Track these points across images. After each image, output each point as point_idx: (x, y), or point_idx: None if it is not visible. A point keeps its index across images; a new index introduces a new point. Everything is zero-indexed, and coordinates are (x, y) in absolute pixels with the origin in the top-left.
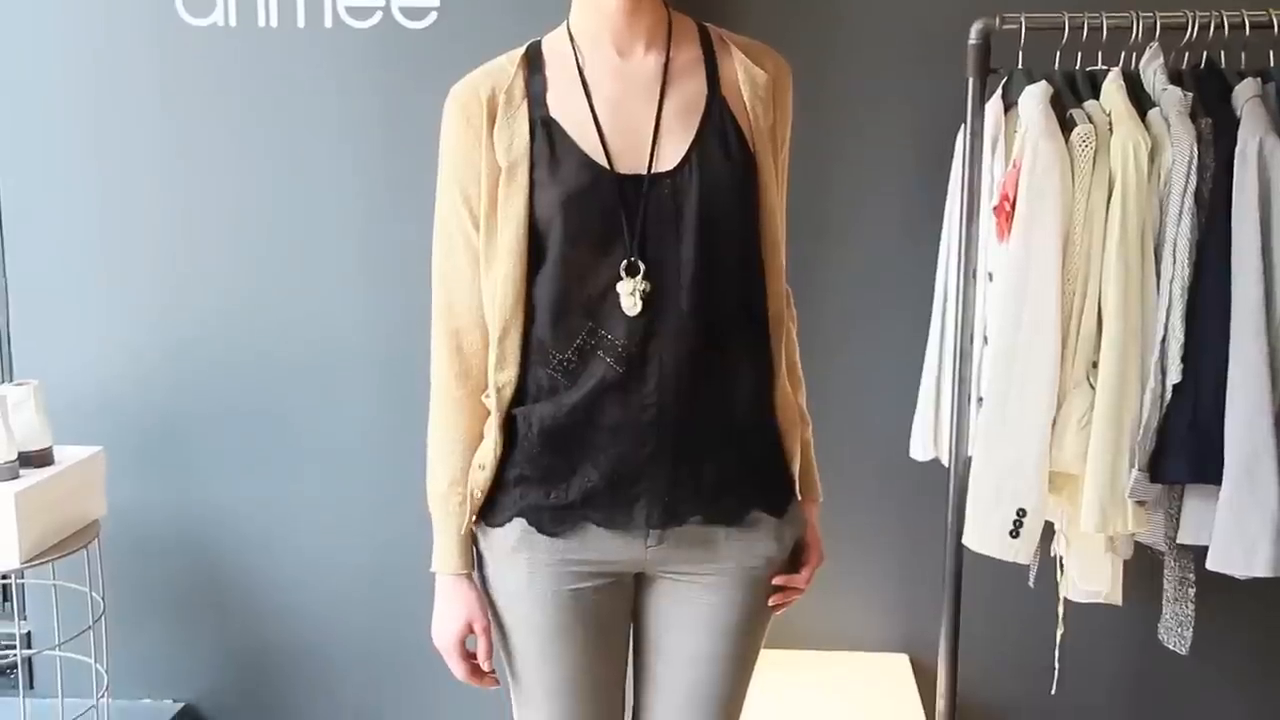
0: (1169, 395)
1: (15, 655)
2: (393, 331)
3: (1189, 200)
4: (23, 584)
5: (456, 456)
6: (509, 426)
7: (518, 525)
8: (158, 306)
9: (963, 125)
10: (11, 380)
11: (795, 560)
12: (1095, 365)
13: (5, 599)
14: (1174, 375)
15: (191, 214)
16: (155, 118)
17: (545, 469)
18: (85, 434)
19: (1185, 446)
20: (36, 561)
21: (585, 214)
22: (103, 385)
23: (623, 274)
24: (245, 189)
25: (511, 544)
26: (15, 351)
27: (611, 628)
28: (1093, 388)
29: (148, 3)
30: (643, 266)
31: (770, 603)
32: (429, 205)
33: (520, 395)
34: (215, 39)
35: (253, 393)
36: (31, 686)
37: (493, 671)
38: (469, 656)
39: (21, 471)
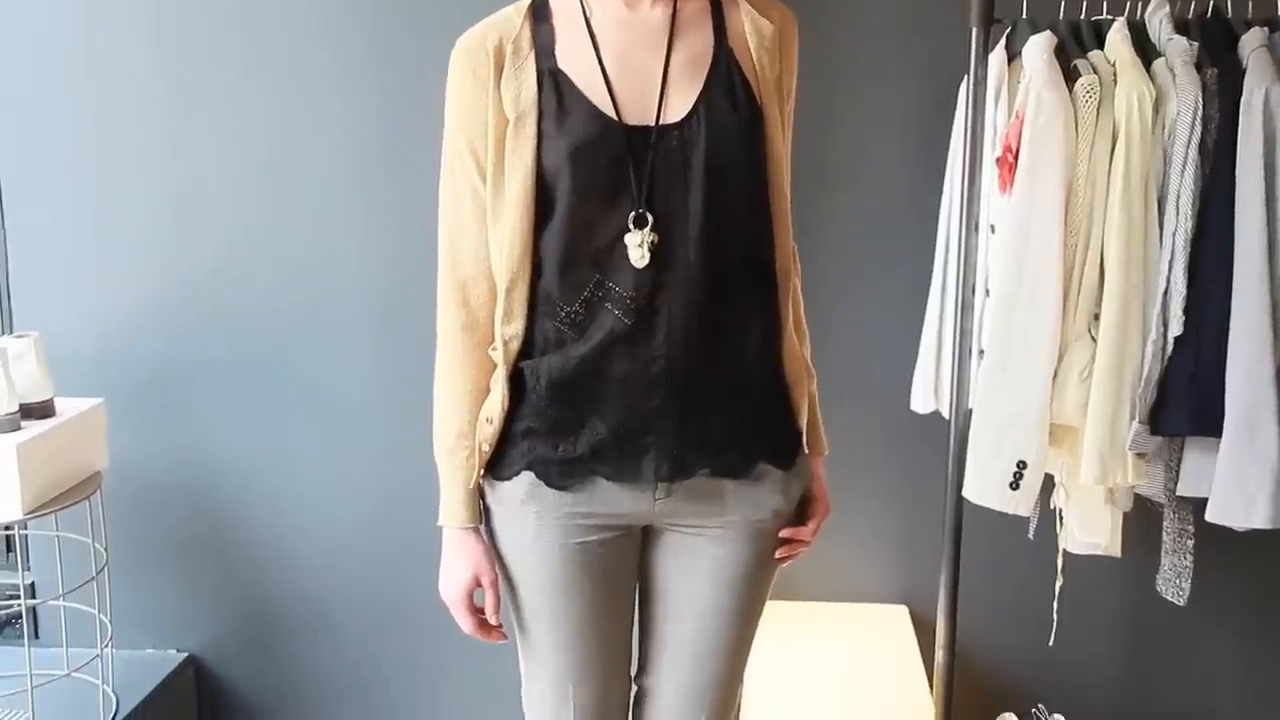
0: (1170, 348)
1: (20, 605)
2: (394, 280)
3: (1193, 151)
4: (26, 535)
5: (464, 410)
6: (516, 380)
7: (526, 479)
8: (157, 258)
9: (966, 76)
10: (11, 332)
11: (801, 513)
12: (1097, 317)
13: (9, 550)
14: (1175, 328)
15: (189, 164)
16: (151, 67)
17: (553, 422)
18: (86, 386)
19: (1186, 399)
20: (39, 513)
21: (593, 165)
22: (102, 337)
23: (631, 226)
24: (244, 138)
25: (519, 497)
26: (15, 304)
27: (619, 580)
28: (1094, 340)
29: None
30: (651, 218)
31: (776, 555)
32: (432, 154)
33: (527, 348)
34: None
35: (254, 343)
36: (36, 636)
37: (500, 625)
38: (476, 610)
39: (23, 423)
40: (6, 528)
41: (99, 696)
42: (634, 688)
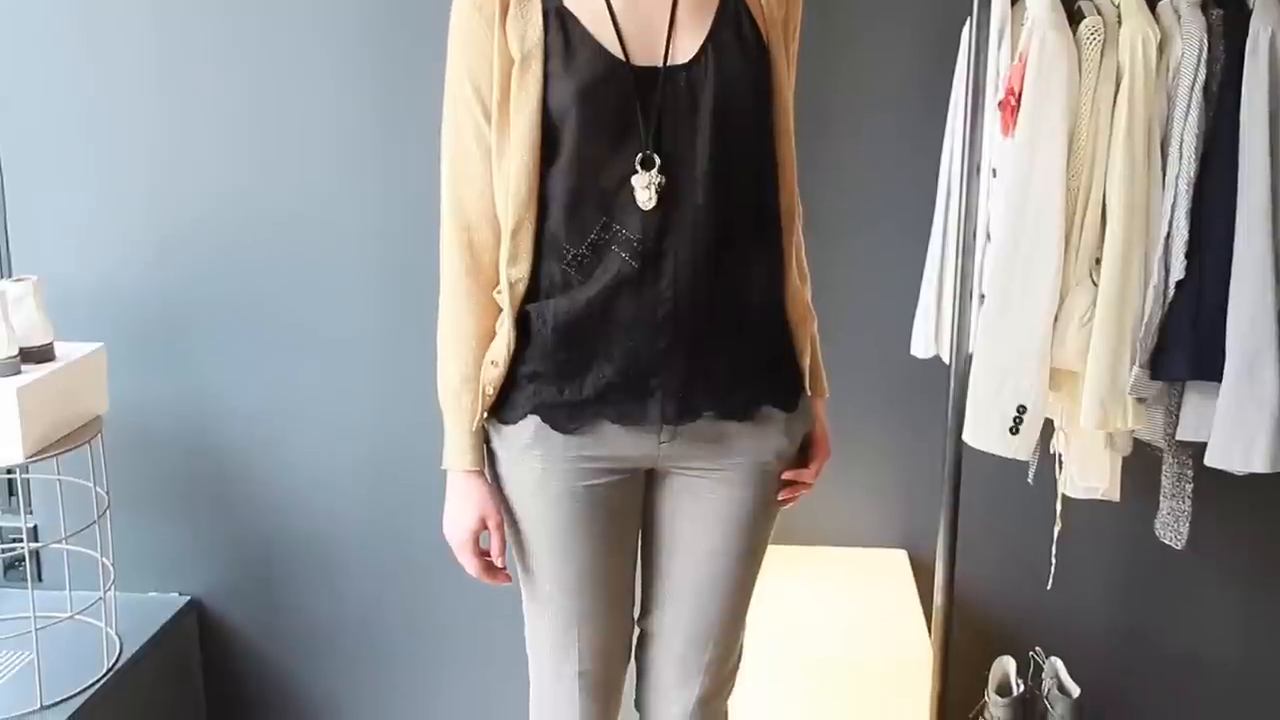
0: (1172, 292)
1: (23, 548)
2: (396, 222)
3: (1198, 94)
4: (28, 479)
5: (468, 353)
6: (522, 323)
7: (531, 422)
8: (155, 201)
9: (969, 18)
10: (10, 276)
11: (803, 455)
12: (1098, 262)
13: (11, 494)
14: (1177, 272)
15: (187, 105)
16: (147, 8)
17: (559, 365)
18: (85, 330)
19: (1187, 343)
20: (40, 456)
21: (600, 106)
22: (101, 281)
23: (638, 167)
24: (242, 80)
25: (525, 441)
26: (13, 248)
27: (623, 523)
28: (1095, 284)
29: None
30: (658, 160)
31: (779, 497)
32: (434, 94)
33: (533, 291)
34: None
35: (254, 285)
36: (40, 579)
37: (505, 568)
38: (481, 553)
39: (23, 367)
40: (8, 471)
41: (102, 639)
42: (637, 629)
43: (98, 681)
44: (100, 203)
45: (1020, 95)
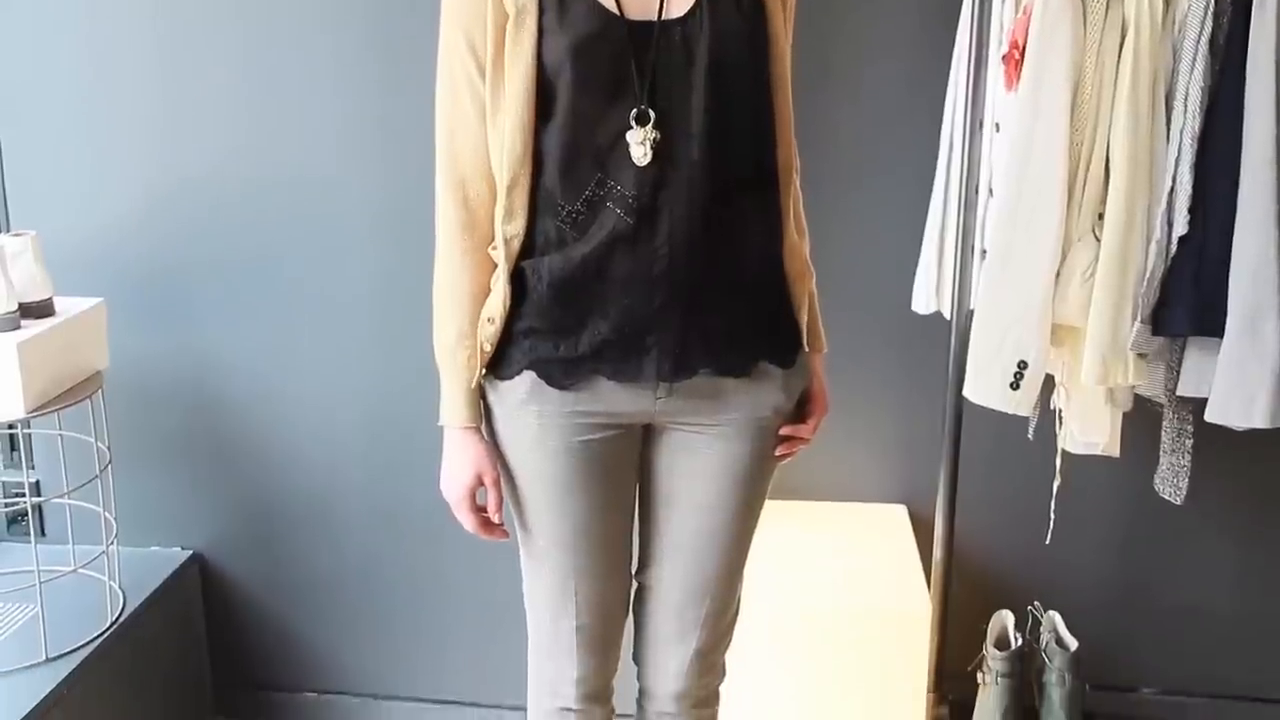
0: (1174, 247)
1: (25, 503)
2: (395, 178)
3: (1203, 47)
4: (29, 434)
5: (464, 309)
6: (518, 279)
7: (527, 378)
8: (153, 157)
9: None
10: (8, 231)
11: (800, 410)
12: (1101, 217)
13: (13, 449)
14: (1180, 227)
15: (186, 60)
16: None
17: (555, 321)
18: (84, 286)
19: (1189, 298)
20: (41, 411)
21: (594, 61)
22: (100, 237)
23: (632, 123)
24: (241, 35)
25: (521, 396)
26: (11, 203)
27: (620, 479)
28: (1097, 240)
29: None
30: (653, 115)
31: (776, 453)
32: (430, 50)
33: (529, 247)
34: None
35: (252, 241)
36: (43, 534)
37: (502, 524)
38: (479, 509)
39: (23, 323)
40: (10, 426)
41: (106, 592)
42: (635, 584)
43: (102, 634)
44: (99, 158)
45: (1024, 49)
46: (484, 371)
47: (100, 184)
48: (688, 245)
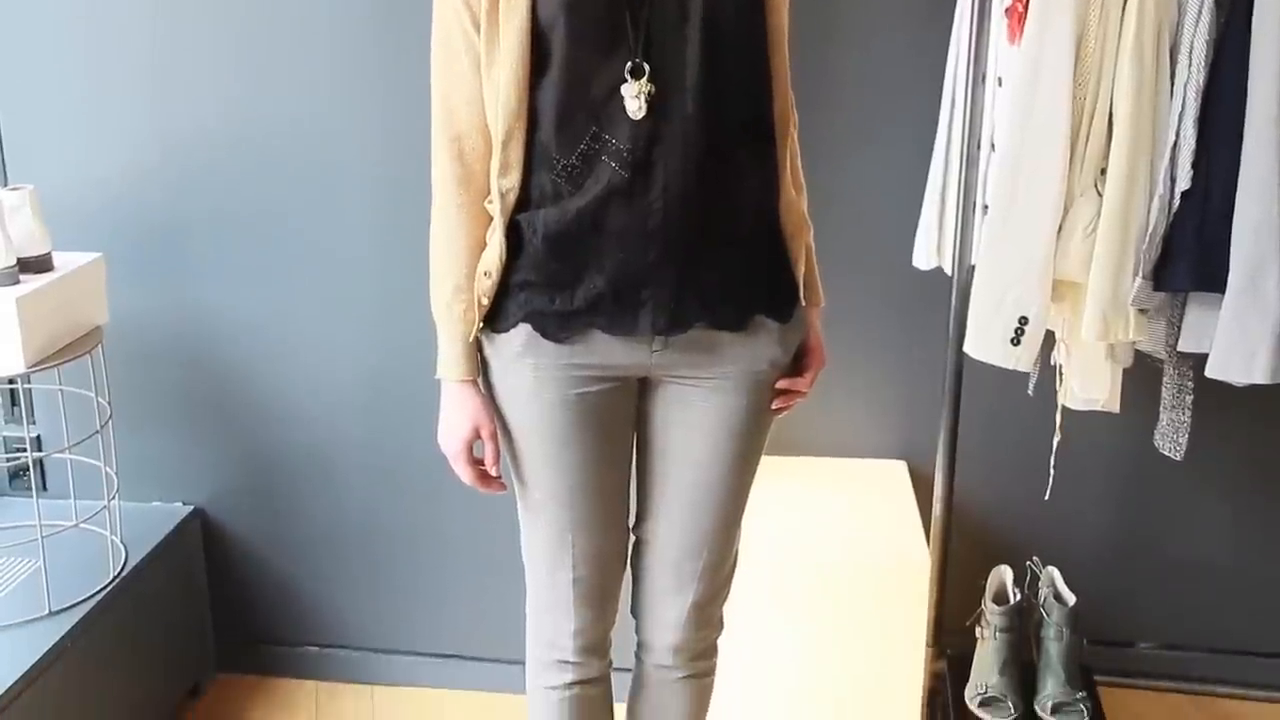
0: (1177, 202)
1: (27, 458)
2: (395, 132)
3: (1209, 0)
4: (30, 389)
5: (460, 263)
6: (513, 233)
7: (523, 331)
8: (152, 110)
9: None
10: (6, 185)
11: (797, 364)
12: (1103, 172)
13: (14, 404)
14: (1183, 182)
15: (185, 13)
16: None
17: (550, 275)
18: (82, 241)
19: (1191, 254)
20: (42, 366)
21: (589, 14)
22: (99, 191)
23: (627, 76)
24: None
25: (517, 349)
26: (8, 158)
27: (616, 431)
28: (1100, 195)
29: None
30: (647, 68)
31: (773, 406)
32: (428, 4)
33: (524, 201)
34: None
35: (251, 195)
36: (45, 488)
37: (499, 476)
38: (476, 462)
39: (21, 277)
40: (10, 381)
41: (108, 546)
42: (632, 538)
43: (104, 588)
44: (96, 112)
45: (1028, 1)
46: (481, 325)
47: (98, 138)
48: (683, 199)
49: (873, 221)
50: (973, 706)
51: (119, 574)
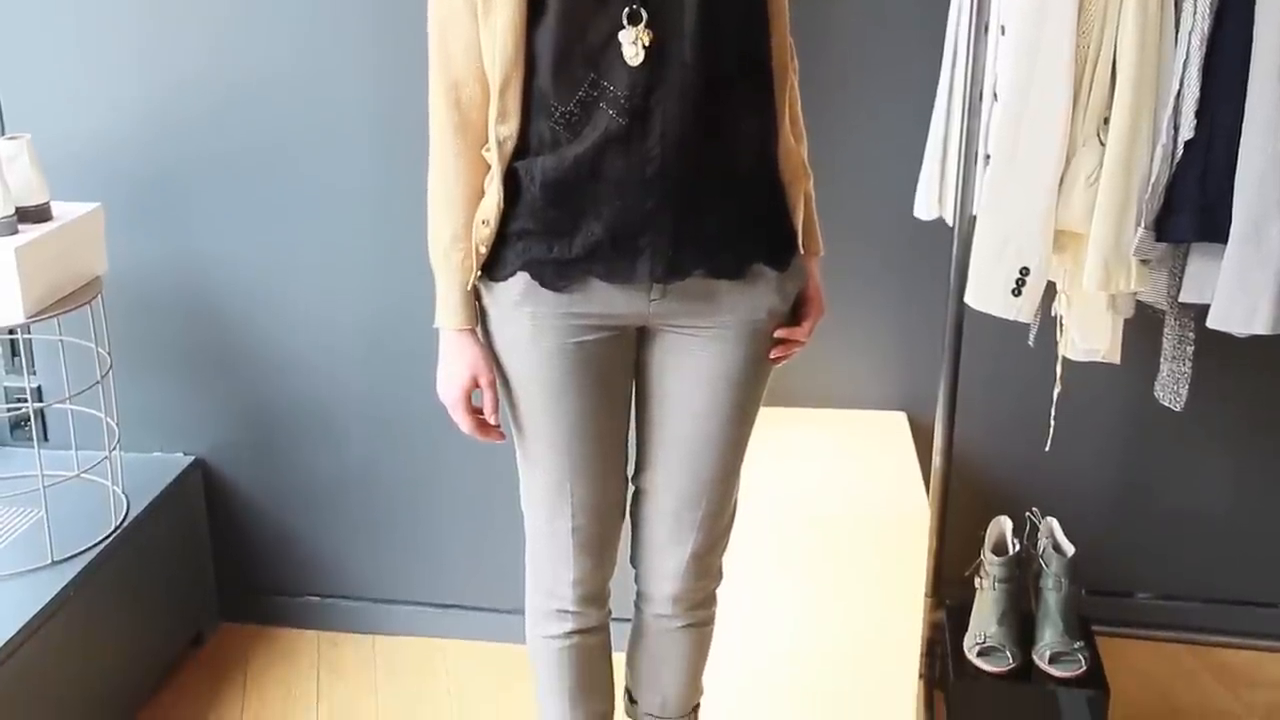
0: (1180, 152)
1: (28, 408)
2: (393, 79)
3: None
4: (30, 340)
5: (458, 211)
6: (511, 181)
7: (521, 279)
8: (147, 56)
9: None
10: (3, 135)
11: (796, 313)
12: (1106, 121)
13: (14, 354)
14: (1187, 131)
15: None
16: None
17: (548, 223)
18: (80, 191)
19: (1193, 204)
20: (41, 316)
21: None
22: (96, 140)
23: (624, 22)
24: None
25: (515, 298)
26: (4, 106)
27: (614, 380)
28: (1103, 145)
29: None
30: (645, 15)
31: (771, 355)
32: None
33: (522, 148)
34: None
35: (249, 142)
36: (46, 439)
37: (498, 425)
38: (475, 411)
39: (20, 227)
40: (10, 332)
41: (109, 497)
42: (631, 488)
43: (106, 538)
44: (91, 59)
45: None
46: (479, 273)
47: (93, 86)
48: (680, 146)
49: (873, 171)
50: (971, 656)
51: (121, 524)
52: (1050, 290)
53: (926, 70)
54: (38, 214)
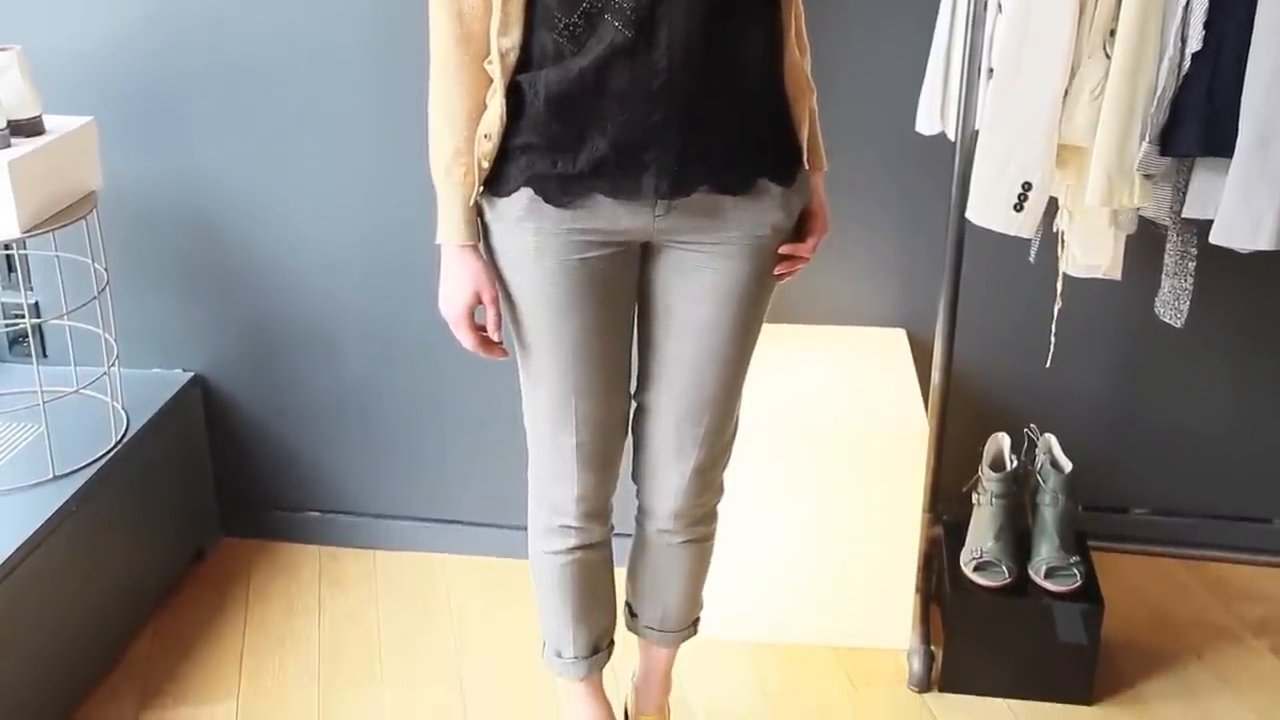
0: (1187, 64)
1: (25, 324)
2: None
3: None
4: (26, 255)
5: (460, 125)
6: (514, 94)
7: (524, 194)
8: None
9: None
10: None
11: (800, 229)
12: (1113, 33)
13: (10, 270)
14: (1194, 43)
15: None
16: None
17: (552, 137)
18: (72, 104)
19: (1199, 118)
20: (36, 231)
21: None
22: (89, 52)
23: None
24: None
25: (518, 213)
26: None
27: (618, 296)
28: (1108, 57)
29: None
30: None
31: (775, 272)
32: None
33: (525, 61)
34: None
35: (245, 54)
36: (44, 355)
37: (501, 342)
38: (477, 327)
39: (12, 141)
40: (6, 247)
41: (109, 413)
42: (634, 404)
43: (107, 454)
44: None
45: None
46: (481, 189)
47: None
48: (687, 59)
49: (875, 84)
50: (968, 570)
51: (121, 439)
52: (1052, 206)
53: None
54: (30, 127)
